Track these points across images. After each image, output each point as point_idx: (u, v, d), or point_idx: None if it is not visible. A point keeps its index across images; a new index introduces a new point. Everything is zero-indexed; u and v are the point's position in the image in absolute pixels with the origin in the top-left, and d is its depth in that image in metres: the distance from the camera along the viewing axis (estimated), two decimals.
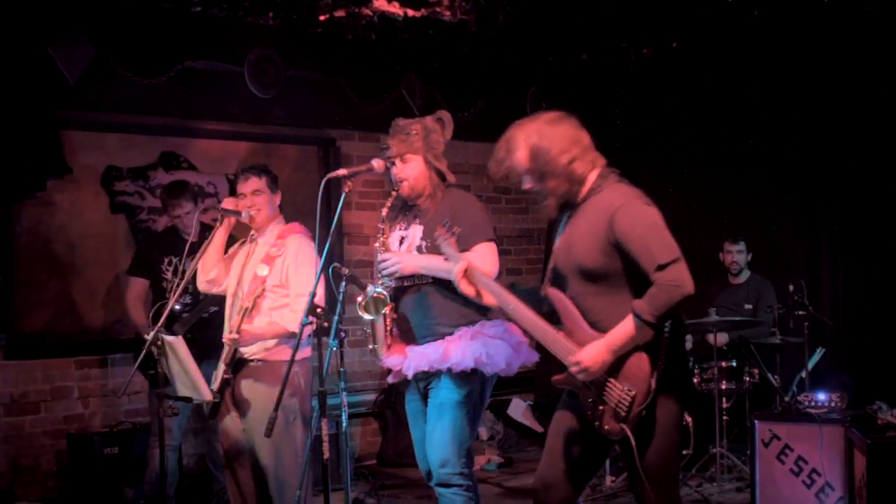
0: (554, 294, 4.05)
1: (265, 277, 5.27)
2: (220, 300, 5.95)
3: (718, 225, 8.95)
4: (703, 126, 9.29)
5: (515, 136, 4.04)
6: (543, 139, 3.96)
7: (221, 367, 5.27)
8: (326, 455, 4.45)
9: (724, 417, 7.42)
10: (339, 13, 7.41)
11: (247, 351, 5.28)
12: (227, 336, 5.23)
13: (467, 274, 4.27)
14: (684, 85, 9.28)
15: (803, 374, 7.10)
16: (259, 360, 5.26)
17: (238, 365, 5.29)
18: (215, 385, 5.25)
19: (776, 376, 7.50)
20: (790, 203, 8.93)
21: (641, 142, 9.63)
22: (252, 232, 5.54)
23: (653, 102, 9.52)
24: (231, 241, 5.68)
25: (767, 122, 8.89)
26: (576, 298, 3.99)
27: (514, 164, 4.04)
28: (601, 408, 3.89)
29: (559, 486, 4.07)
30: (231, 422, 5.36)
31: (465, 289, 4.28)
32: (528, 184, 4.06)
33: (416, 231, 4.86)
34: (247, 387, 5.28)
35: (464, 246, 4.64)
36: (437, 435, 4.78)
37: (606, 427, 3.88)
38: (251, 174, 5.45)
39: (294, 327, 5.02)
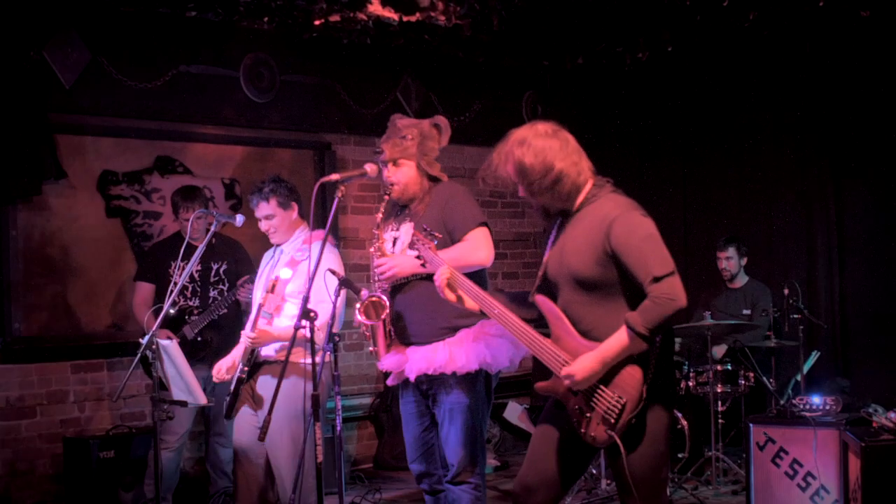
0: (542, 301, 4.04)
1: (287, 280, 5.28)
2: (230, 303, 6.19)
3: (715, 228, 8.95)
4: (699, 129, 9.30)
5: (507, 146, 3.99)
6: (527, 156, 3.90)
7: (239, 364, 5.31)
8: (320, 459, 4.46)
9: (720, 421, 7.41)
10: (334, 18, 7.43)
11: (267, 352, 5.30)
12: (245, 334, 5.26)
13: (450, 282, 4.26)
14: (680, 88, 9.29)
15: (798, 378, 7.11)
16: (278, 362, 5.20)
17: (256, 366, 5.32)
18: (233, 383, 5.30)
19: (771, 380, 7.50)
20: (786, 206, 8.93)
21: (637, 145, 9.65)
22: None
23: (649, 106, 9.54)
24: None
25: (763, 125, 8.90)
26: (567, 307, 3.98)
27: (503, 176, 4.02)
28: (588, 414, 3.87)
29: (540, 490, 4.04)
30: (244, 417, 5.37)
31: (448, 295, 4.26)
32: (521, 192, 4.05)
33: (407, 230, 4.88)
34: (267, 385, 5.25)
35: (457, 236, 4.75)
36: (452, 438, 4.84)
37: (592, 434, 3.85)
38: (260, 200, 5.40)
39: (309, 333, 5.00)
